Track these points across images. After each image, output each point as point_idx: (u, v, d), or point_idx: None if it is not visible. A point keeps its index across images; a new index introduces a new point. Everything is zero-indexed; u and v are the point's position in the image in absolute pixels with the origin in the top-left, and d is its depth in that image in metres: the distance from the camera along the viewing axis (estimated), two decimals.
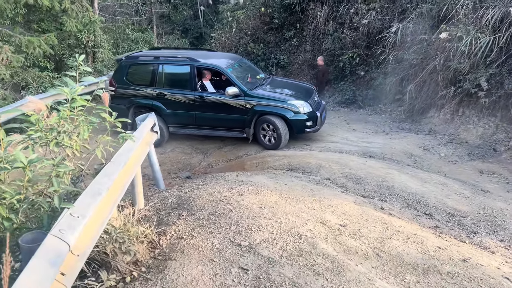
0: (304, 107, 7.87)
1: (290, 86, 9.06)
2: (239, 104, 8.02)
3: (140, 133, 4.58)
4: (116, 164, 3.04)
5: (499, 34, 7.61)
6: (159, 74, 8.60)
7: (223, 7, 18.69)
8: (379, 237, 3.55)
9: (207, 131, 8.66)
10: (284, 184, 5.34)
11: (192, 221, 3.91)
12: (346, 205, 4.42)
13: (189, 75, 8.37)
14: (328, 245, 3.34)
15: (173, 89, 8.50)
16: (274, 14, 15.44)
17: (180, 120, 8.59)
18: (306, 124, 7.89)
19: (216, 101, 8.22)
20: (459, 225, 4.36)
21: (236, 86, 7.98)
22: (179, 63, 8.59)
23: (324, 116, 8.53)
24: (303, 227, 3.69)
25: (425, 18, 10.27)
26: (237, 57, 9.90)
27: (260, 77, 9.00)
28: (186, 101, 8.42)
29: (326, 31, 13.76)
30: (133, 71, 8.95)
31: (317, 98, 8.63)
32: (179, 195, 4.80)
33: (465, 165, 6.94)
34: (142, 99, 8.77)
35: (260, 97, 8.01)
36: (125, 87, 8.84)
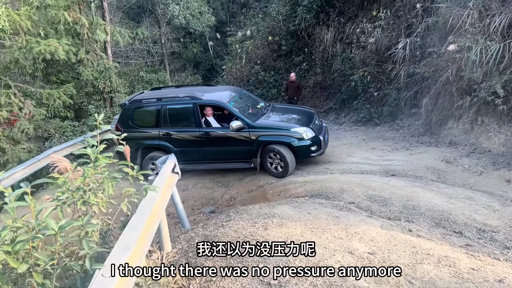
0: (307, 133, 8.14)
1: (291, 112, 9.38)
2: (244, 137, 8.31)
3: (162, 177, 4.67)
4: (141, 215, 3.11)
5: (509, 41, 7.57)
6: (163, 115, 8.90)
7: (231, 39, 19.14)
8: (409, 262, 3.50)
9: (215, 164, 8.95)
10: (308, 213, 5.32)
11: (219, 261, 3.92)
12: (373, 231, 4.38)
13: (192, 113, 8.68)
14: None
15: (178, 128, 8.83)
16: (281, 41, 15.73)
17: (188, 157, 8.78)
18: (311, 149, 8.16)
19: (221, 136, 8.51)
20: (491, 241, 4.26)
21: (239, 119, 8.28)
22: (181, 103, 8.86)
23: (327, 139, 8.80)
24: (331, 259, 3.66)
25: (432, 31, 10.31)
26: (236, 89, 10.14)
27: (260, 106, 9.27)
28: (192, 138, 8.73)
29: (335, 53, 13.91)
30: (137, 114, 9.25)
31: (318, 122, 8.91)
32: (204, 234, 4.82)
33: (490, 175, 6.80)
34: (149, 140, 9.10)
35: (264, 127, 8.29)
36: (131, 130, 9.08)
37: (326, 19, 14.20)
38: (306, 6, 14.12)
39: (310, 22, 14.32)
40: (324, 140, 8.41)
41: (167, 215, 7.28)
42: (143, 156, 9.29)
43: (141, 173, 3.16)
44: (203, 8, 19.37)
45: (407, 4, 11.34)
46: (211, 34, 24.39)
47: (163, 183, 4.50)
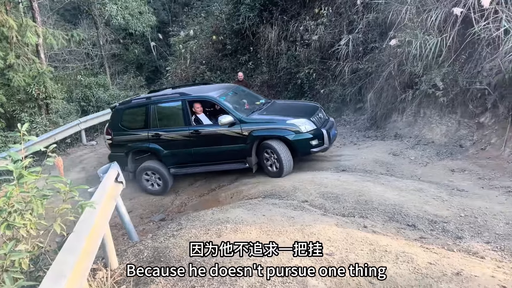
0: (306, 125, 7.19)
1: (291, 107, 8.62)
2: (236, 133, 7.45)
3: (103, 188, 4.30)
4: (79, 234, 2.78)
5: (445, 35, 7.84)
6: (152, 114, 8.17)
7: (174, 39, 18.66)
8: (368, 261, 3.42)
9: (208, 167, 8.06)
10: (263, 215, 5.15)
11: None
12: (329, 230, 4.28)
13: (181, 111, 7.92)
14: (318, 280, 3.18)
15: (167, 128, 8.05)
16: (226, 40, 15.53)
17: (179, 159, 8.09)
18: (311, 143, 7.17)
19: (212, 133, 7.69)
20: (444, 232, 4.31)
21: (230, 114, 7.46)
22: (170, 100, 8.16)
23: (333, 134, 7.84)
24: (289, 263, 3.51)
25: (373, 27, 10.55)
26: (233, 86, 9.49)
27: (260, 102, 8.46)
28: (182, 138, 7.91)
29: (280, 51, 13.91)
30: (127, 116, 8.58)
31: (322, 115, 7.90)
32: (154, 246, 4.52)
33: (436, 165, 7.00)
34: (138, 143, 8.36)
35: (257, 121, 7.41)
36: (121, 133, 8.50)
37: (270, 17, 14.17)
38: (249, 4, 14.01)
39: (254, 20, 14.24)
40: (328, 134, 7.38)
41: (114, 226, 6.90)
42: (135, 161, 8.55)
43: (76, 188, 2.82)
44: (142, 7, 18.70)
45: (348, 1, 11.54)
46: (153, 34, 23.66)
47: (104, 195, 4.14)
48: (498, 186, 5.60)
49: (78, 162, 12.06)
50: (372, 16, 10.35)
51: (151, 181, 8.39)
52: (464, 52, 7.84)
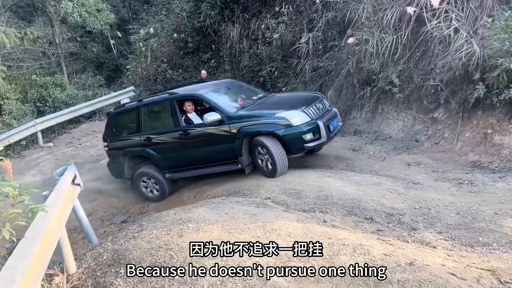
0: (298, 118, 6.46)
1: (287, 99, 7.91)
2: (224, 131, 6.81)
3: (58, 191, 4.18)
4: (31, 239, 2.69)
5: (400, 33, 8.11)
6: (143, 117, 7.76)
7: (134, 37, 18.29)
8: (327, 255, 3.50)
9: (201, 170, 7.49)
10: (225, 213, 5.15)
11: (131, 278, 3.59)
12: (289, 225, 4.34)
13: (170, 111, 7.41)
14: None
15: (158, 131, 7.60)
16: (187, 38, 15.38)
17: (172, 163, 7.61)
18: (304, 138, 6.41)
19: (200, 134, 7.10)
20: (399, 224, 4.47)
21: (217, 111, 6.86)
22: (158, 101, 7.71)
23: (335, 126, 7.03)
24: (250, 260, 3.53)
25: (332, 25, 10.74)
26: (227, 81, 9.01)
27: (257, 97, 7.72)
28: (172, 140, 7.41)
29: (242, 49, 13.91)
30: (120, 120, 8.25)
31: (322, 105, 7.11)
32: (114, 248, 4.42)
33: (393, 159, 7.24)
34: (132, 148, 7.94)
35: (245, 117, 6.75)
36: (115, 139, 8.14)
37: (231, 15, 14.14)
38: (210, 2, 13.92)
39: (215, 18, 14.16)
40: (327, 126, 6.63)
41: (73, 230, 6.71)
42: (131, 168, 8.13)
43: (26, 191, 2.72)
44: (100, 5, 18.19)
45: (308, 0, 11.69)
46: (113, 32, 23.08)
47: (60, 197, 4.02)
48: (450, 178, 5.86)
49: (34, 165, 11.63)
50: (331, 15, 10.54)
51: (149, 188, 8.00)
52: (418, 50, 8.14)
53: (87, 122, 15.55)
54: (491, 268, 3.12)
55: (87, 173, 9.63)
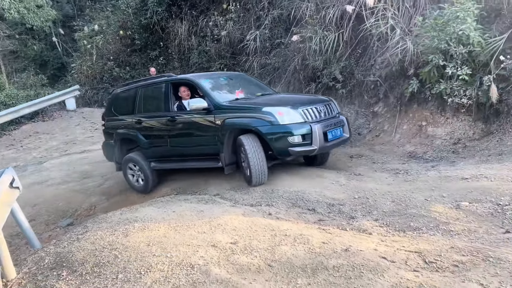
0: (287, 116, 5.60)
1: (289, 97, 7.18)
2: (209, 121, 6.12)
3: None
4: None
5: (342, 30, 8.42)
6: (139, 98, 7.35)
7: (79, 34, 17.67)
8: (269, 246, 3.62)
9: (184, 163, 6.90)
10: (173, 211, 5.16)
11: (74, 280, 3.54)
12: (235, 220, 4.43)
13: (163, 94, 6.90)
14: (221, 268, 3.30)
15: (149, 114, 7.12)
16: (134, 35, 15.09)
17: (157, 151, 7.10)
18: (290, 140, 5.50)
19: (186, 121, 6.50)
20: (339, 213, 4.68)
21: (206, 98, 6.23)
22: (155, 83, 7.21)
23: (336, 135, 6.01)
24: (194, 255, 3.59)
25: (278, 23, 10.94)
26: (235, 74, 8.43)
27: (260, 94, 6.97)
28: (160, 126, 6.88)
29: (191, 46, 13.86)
30: (118, 100, 7.90)
31: (327, 110, 6.13)
32: (56, 251, 4.32)
33: (338, 153, 7.52)
34: (123, 130, 7.53)
35: (232, 108, 6.02)
36: (112, 119, 7.83)
37: (179, 12, 14.04)
38: None
39: (163, 15, 14.01)
40: (322, 132, 5.68)
41: (16, 235, 6.45)
42: (121, 152, 7.64)
43: None
44: (40, 1, 17.37)
45: None
46: (57, 29, 22.12)
47: None
48: (388, 168, 6.19)
49: None
50: (277, 13, 10.74)
51: (135, 176, 7.47)
52: (359, 47, 8.50)
53: (29, 123, 14.85)
54: (418, 250, 3.36)
55: (30, 175, 9.27)
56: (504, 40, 5.92)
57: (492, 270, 2.92)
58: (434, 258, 3.21)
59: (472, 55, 6.12)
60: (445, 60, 6.16)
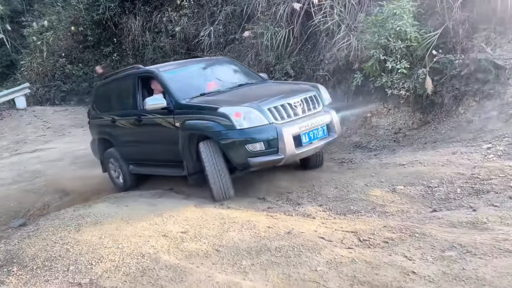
0: (247, 117, 4.61)
1: (262, 90, 5.75)
2: (169, 123, 5.37)
3: None
4: None
5: (292, 26, 8.70)
6: (114, 93, 6.74)
7: (28, 30, 17.05)
8: (217, 233, 3.82)
9: (153, 168, 6.27)
10: (126, 206, 5.26)
11: (24, 274, 3.60)
12: (187, 211, 4.59)
13: (132, 90, 6.10)
14: (171, 255, 3.47)
15: (121, 111, 6.43)
16: (87, 31, 14.81)
17: (131, 154, 6.45)
18: (249, 148, 4.55)
19: (150, 122, 5.76)
20: (287, 201, 4.95)
21: (167, 94, 5.43)
22: (124, 77, 6.49)
23: (316, 137, 4.97)
24: (145, 245, 3.73)
25: (232, 19, 11.09)
26: (215, 60, 7.27)
27: (237, 85, 5.85)
28: (130, 127, 6.22)
29: (145, 42, 13.77)
30: (98, 96, 7.31)
31: (308, 104, 5.05)
32: (6, 249, 4.32)
33: None
34: (101, 129, 6.99)
35: (193, 107, 5.15)
36: (94, 116, 7.22)
37: (132, 7, 13.89)
38: None
39: (115, 11, 13.82)
40: (295, 137, 4.68)
41: None
42: (102, 150, 7.05)
43: None
44: None
45: None
46: (4, 25, 21.15)
47: None
48: (336, 158, 6.53)
49: None
50: (230, 9, 10.88)
51: (116, 172, 6.92)
52: (309, 42, 8.81)
53: None
54: (354, 230, 3.65)
55: None
56: (437, 35, 6.38)
57: (417, 244, 3.24)
58: (368, 236, 3.50)
59: (410, 50, 6.54)
60: (385, 54, 6.55)
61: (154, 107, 5.29)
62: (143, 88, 6.03)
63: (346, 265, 3.02)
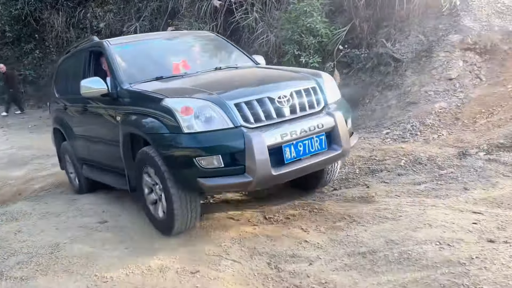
0: (200, 115, 3.08)
1: (249, 75, 4.21)
2: (109, 115, 4.06)
3: None
4: None
5: (215, 23, 8.95)
6: (69, 72, 5.33)
7: None
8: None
9: (101, 174, 4.82)
10: (45, 203, 5.24)
11: None
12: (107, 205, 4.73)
13: (82, 68, 4.73)
14: (84, 244, 3.61)
15: (72, 96, 5.06)
16: (5, 27, 14.05)
17: (81, 151, 5.14)
18: (200, 163, 3.02)
19: (94, 112, 4.47)
20: None
21: (111, 75, 4.03)
22: (77, 52, 5.12)
23: (309, 150, 3.28)
24: (61, 236, 3.83)
25: (158, 15, 11.12)
26: (195, 34, 5.58)
27: (217, 67, 4.31)
28: (77, 116, 5.00)
29: (70, 38, 13.35)
30: (59, 73, 5.84)
31: (299, 99, 3.36)
32: None
33: None
34: (55, 116, 5.75)
35: (136, 94, 3.69)
36: (53, 100, 5.91)
37: (55, 3, 13.44)
38: None
39: (36, 6, 13.27)
40: (273, 149, 3.07)
41: None
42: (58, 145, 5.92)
43: None
44: None
45: None
46: None
47: None
48: None
49: None
50: (155, 5, 10.91)
51: (74, 173, 5.65)
52: (232, 38, 9.08)
53: None
54: (262, 210, 3.99)
55: None
56: (346, 31, 6.94)
57: (313, 218, 3.65)
58: (273, 214, 3.86)
59: (322, 45, 7.05)
60: (299, 50, 7.00)
61: (91, 93, 3.91)
62: (96, 68, 4.62)
63: (248, 240, 3.34)
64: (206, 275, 2.88)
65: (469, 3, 6.49)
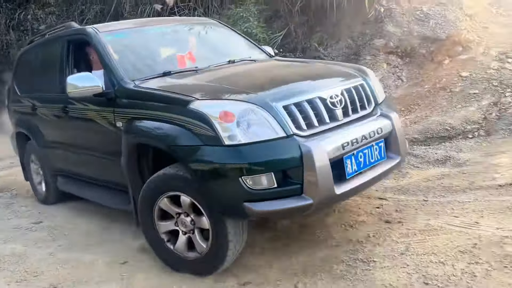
0: (246, 121, 2.43)
1: (280, 70, 3.68)
2: (105, 119, 3.30)
3: None
4: None
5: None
6: (37, 67, 4.61)
7: None
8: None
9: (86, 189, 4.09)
10: None
11: None
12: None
13: (59, 61, 3.96)
14: (17, 244, 3.71)
15: (44, 95, 4.36)
16: None
17: (57, 161, 4.40)
18: (246, 183, 2.34)
19: (80, 115, 3.69)
20: None
21: (106, 70, 3.31)
22: (50, 41, 4.34)
23: (366, 164, 2.71)
24: None
25: (101, 18, 11.03)
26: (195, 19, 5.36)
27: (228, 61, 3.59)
28: (53, 119, 4.20)
29: (10, 41, 12.91)
30: (21, 67, 5.05)
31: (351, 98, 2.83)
32: None
33: None
34: (19, 118, 5.00)
35: (148, 95, 2.96)
36: (13, 98, 5.14)
37: None
38: None
39: None
40: (334, 161, 2.47)
41: None
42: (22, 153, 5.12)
43: None
44: None
45: None
46: None
47: None
48: None
49: None
50: (99, 7, 10.83)
51: (39, 175, 4.90)
52: None
53: None
54: None
55: None
56: (282, 36, 7.32)
57: None
58: None
59: None
60: None
61: (80, 92, 3.14)
62: (78, 61, 3.95)
63: None
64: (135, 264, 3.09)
65: (392, 11, 7.06)
